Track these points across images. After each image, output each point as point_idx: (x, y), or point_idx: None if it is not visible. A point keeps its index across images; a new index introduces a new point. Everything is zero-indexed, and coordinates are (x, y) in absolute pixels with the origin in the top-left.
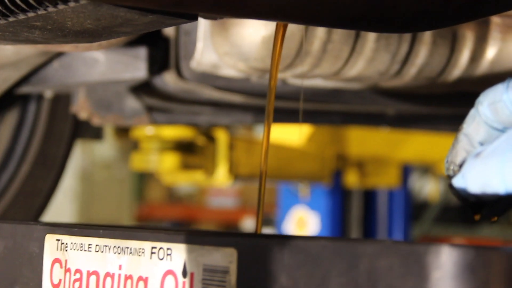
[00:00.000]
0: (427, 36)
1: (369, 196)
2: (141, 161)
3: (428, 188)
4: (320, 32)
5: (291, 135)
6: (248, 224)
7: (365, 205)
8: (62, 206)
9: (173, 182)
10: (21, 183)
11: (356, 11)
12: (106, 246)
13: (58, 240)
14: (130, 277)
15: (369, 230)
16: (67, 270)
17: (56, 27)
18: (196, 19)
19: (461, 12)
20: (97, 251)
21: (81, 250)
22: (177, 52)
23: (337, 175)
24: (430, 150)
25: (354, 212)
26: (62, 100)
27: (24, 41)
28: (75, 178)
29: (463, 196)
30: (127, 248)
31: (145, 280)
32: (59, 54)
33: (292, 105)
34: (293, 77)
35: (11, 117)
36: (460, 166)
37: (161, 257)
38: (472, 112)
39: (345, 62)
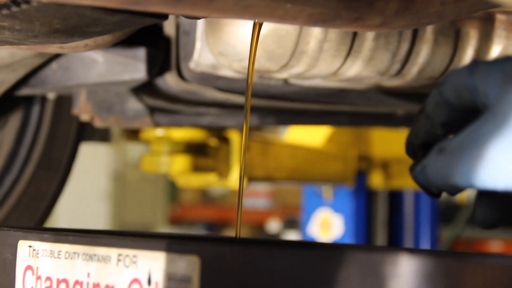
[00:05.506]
0: (428, 34)
1: (395, 198)
2: (151, 163)
3: None
4: (315, 31)
5: (311, 136)
6: (272, 225)
7: (390, 207)
8: (95, 207)
9: (186, 184)
10: (24, 186)
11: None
12: (75, 253)
13: (30, 246)
14: (98, 285)
15: (395, 233)
16: (38, 278)
17: (25, 27)
18: (166, 18)
19: None
20: (67, 258)
21: (51, 257)
22: (178, 52)
23: (361, 176)
24: None
25: (380, 214)
26: (66, 102)
27: None
28: (108, 179)
29: (423, 185)
30: (95, 255)
31: None
32: (57, 55)
33: (297, 106)
34: (291, 77)
35: (15, 120)
36: (420, 147)
37: (127, 265)
38: (434, 93)
39: (343, 62)
